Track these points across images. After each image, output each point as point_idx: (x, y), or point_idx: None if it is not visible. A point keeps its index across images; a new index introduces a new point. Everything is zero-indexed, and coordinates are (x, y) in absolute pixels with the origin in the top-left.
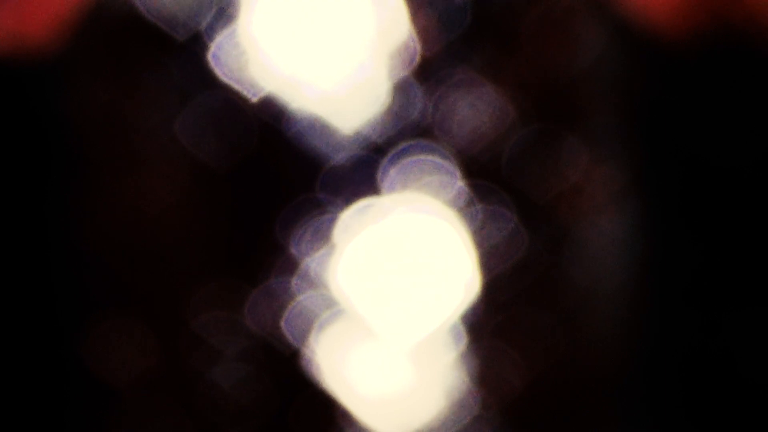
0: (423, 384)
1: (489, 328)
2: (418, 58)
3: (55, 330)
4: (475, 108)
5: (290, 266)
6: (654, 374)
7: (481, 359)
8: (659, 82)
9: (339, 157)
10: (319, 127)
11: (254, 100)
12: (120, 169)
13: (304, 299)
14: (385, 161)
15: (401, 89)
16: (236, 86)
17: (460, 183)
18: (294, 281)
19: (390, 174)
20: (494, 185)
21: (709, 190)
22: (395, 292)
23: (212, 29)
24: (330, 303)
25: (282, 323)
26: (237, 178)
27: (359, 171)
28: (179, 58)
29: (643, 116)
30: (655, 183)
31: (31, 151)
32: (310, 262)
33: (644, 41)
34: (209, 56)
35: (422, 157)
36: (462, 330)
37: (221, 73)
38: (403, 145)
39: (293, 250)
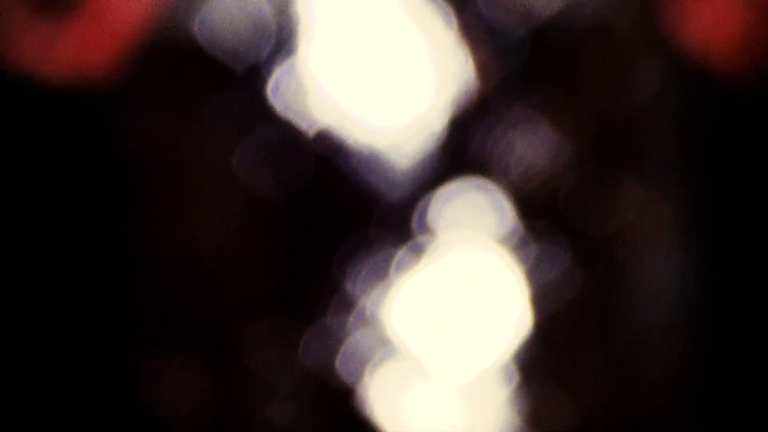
0: (475, 423)
1: (542, 367)
2: (475, 95)
3: (111, 364)
4: (531, 145)
5: (345, 303)
6: (708, 414)
7: (534, 398)
8: (716, 119)
9: (395, 193)
10: (375, 163)
11: (311, 133)
12: (177, 201)
13: (358, 337)
14: (440, 198)
15: (458, 125)
16: (294, 119)
17: (514, 221)
18: (349, 319)
19: (445, 211)
20: (549, 223)
21: (764, 230)
22: (449, 331)
23: (271, 62)
24: (384, 341)
25: (336, 361)
26: (293, 212)
27: (415, 207)
28: (237, 90)
29: (699, 154)
30: (711, 222)
31: (91, 181)
32: (365, 300)
33: (701, 78)
34: (267, 89)
35: (477, 194)
36: (514, 369)
37: (279, 105)
38: (458, 182)
39: (348, 287)
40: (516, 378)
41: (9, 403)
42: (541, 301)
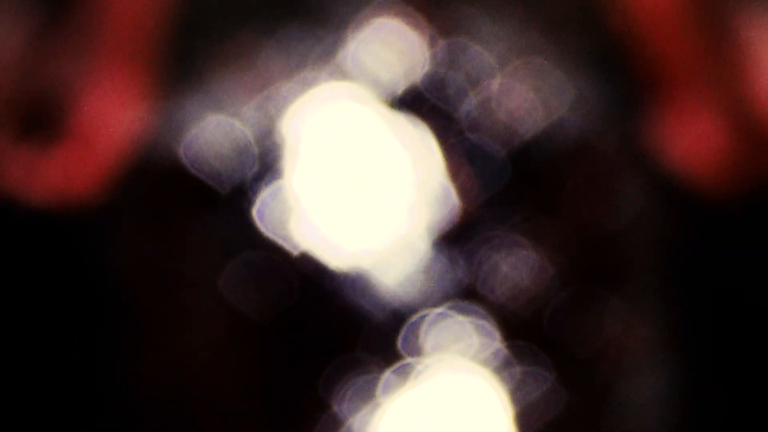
0: None
1: None
2: (458, 216)
3: None
4: (515, 266)
5: (331, 425)
6: None
7: None
8: (699, 239)
9: (380, 315)
10: (360, 284)
11: (296, 254)
12: (163, 322)
13: None
14: (424, 320)
15: (441, 247)
16: (278, 240)
17: (499, 342)
18: None
19: (430, 333)
20: (533, 344)
21: (749, 349)
22: None
23: (255, 184)
24: None
25: None
26: (279, 333)
27: (400, 329)
28: (222, 212)
29: (682, 273)
30: (695, 341)
31: (76, 303)
32: (352, 422)
33: (684, 197)
34: (252, 210)
35: (461, 316)
36: None
37: (264, 227)
38: (442, 304)
39: (334, 409)
40: None
41: None
42: (525, 421)
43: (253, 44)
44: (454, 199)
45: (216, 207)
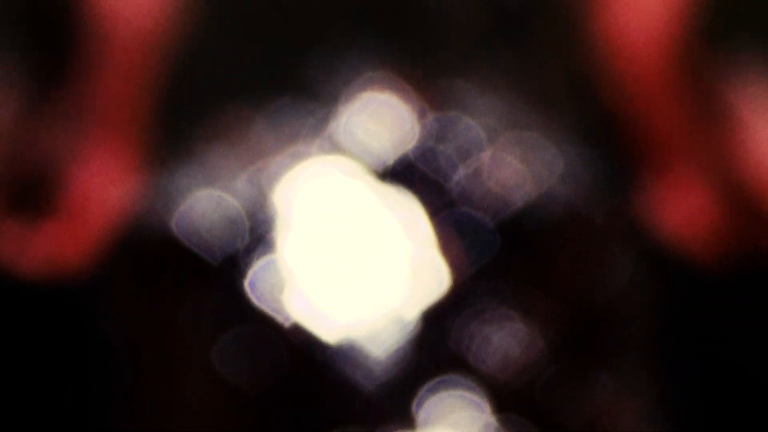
0: None
1: None
2: (448, 287)
3: None
4: (504, 338)
5: None
6: None
7: None
8: (690, 310)
9: (370, 387)
10: (351, 356)
11: (287, 325)
12: (155, 394)
13: None
14: (414, 391)
15: (431, 318)
16: (269, 312)
17: (489, 416)
18: None
19: (421, 405)
20: (523, 417)
21: (740, 420)
22: None
23: (247, 254)
24: None
25: None
26: (270, 404)
27: (391, 401)
28: (213, 284)
29: (672, 345)
30: (686, 412)
31: (66, 374)
32: None
33: (675, 267)
34: (243, 282)
35: (452, 388)
36: None
37: (255, 298)
38: (432, 376)
39: None
40: None
41: None
42: None
43: (244, 118)
44: (444, 271)
45: (207, 279)
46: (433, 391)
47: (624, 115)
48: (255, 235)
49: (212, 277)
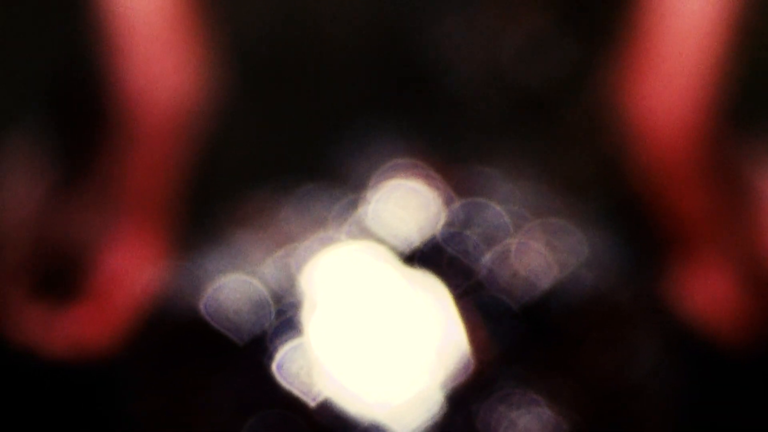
0: None
1: None
2: (472, 370)
3: None
4: (528, 421)
5: None
6: None
7: None
8: (716, 393)
9: None
10: None
11: (313, 408)
12: None
13: None
14: None
15: (455, 401)
16: (296, 393)
17: None
18: None
19: None
20: None
21: None
22: None
23: (273, 339)
24: None
25: None
26: None
27: None
28: (241, 365)
29: (697, 426)
30: None
31: None
32: None
33: (701, 351)
34: (270, 364)
35: None
36: None
37: (282, 379)
38: None
39: None
40: None
41: None
42: None
43: (272, 202)
44: (469, 354)
45: (235, 361)
46: None
47: (650, 200)
48: (282, 317)
49: (240, 360)
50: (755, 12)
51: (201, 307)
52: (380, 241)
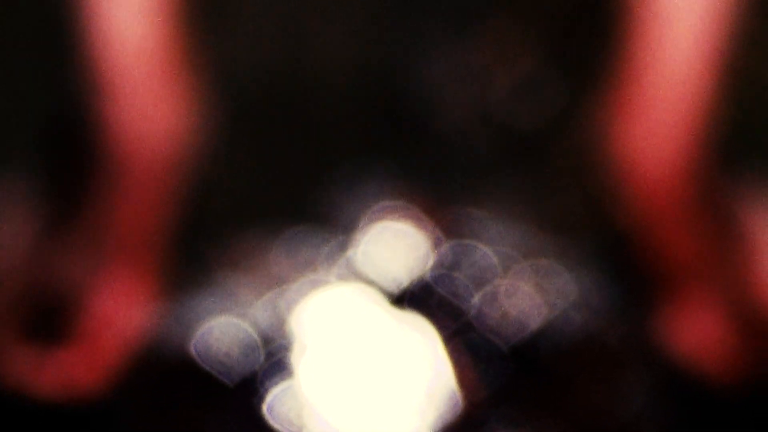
0: None
1: None
2: (461, 412)
3: None
4: None
5: None
6: None
7: None
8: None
9: None
10: None
11: None
12: None
13: None
14: None
15: None
16: None
17: None
18: None
19: None
20: None
21: None
22: None
23: (264, 381)
24: None
25: None
26: None
27: None
28: (229, 404)
29: None
30: None
31: None
32: None
33: (691, 390)
34: (261, 405)
35: None
36: None
37: (271, 419)
38: None
39: None
40: None
41: None
42: None
43: (261, 244)
44: (459, 396)
45: (225, 403)
46: None
47: (639, 240)
48: (272, 359)
49: (230, 402)
50: (745, 51)
51: (191, 348)
52: (369, 282)
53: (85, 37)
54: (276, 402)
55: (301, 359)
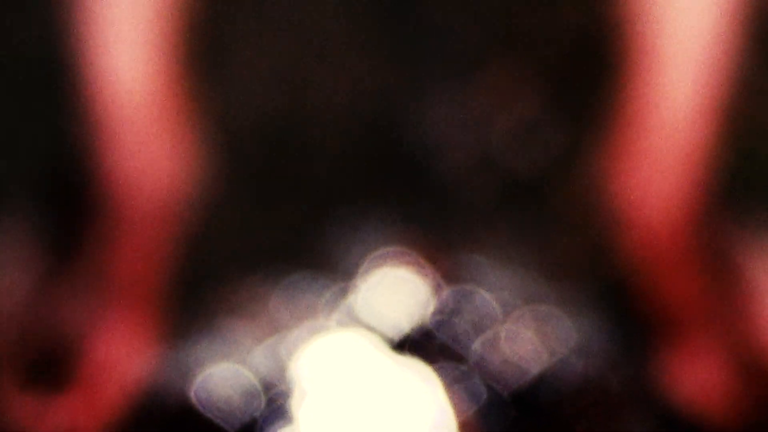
0: None
1: None
2: None
3: None
4: None
5: None
6: None
7: None
8: None
9: None
10: None
11: None
12: None
13: None
14: None
15: None
16: None
17: None
18: None
19: None
20: None
21: None
22: None
23: (264, 426)
24: None
25: None
26: None
27: None
28: None
29: None
30: None
31: None
32: None
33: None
34: None
35: None
36: None
37: None
38: None
39: None
40: None
41: None
42: None
43: (261, 291)
44: None
45: None
46: None
47: (639, 286)
48: (273, 405)
49: None
50: (745, 98)
51: (191, 394)
52: (370, 328)
53: (85, 84)
54: None
55: (301, 405)
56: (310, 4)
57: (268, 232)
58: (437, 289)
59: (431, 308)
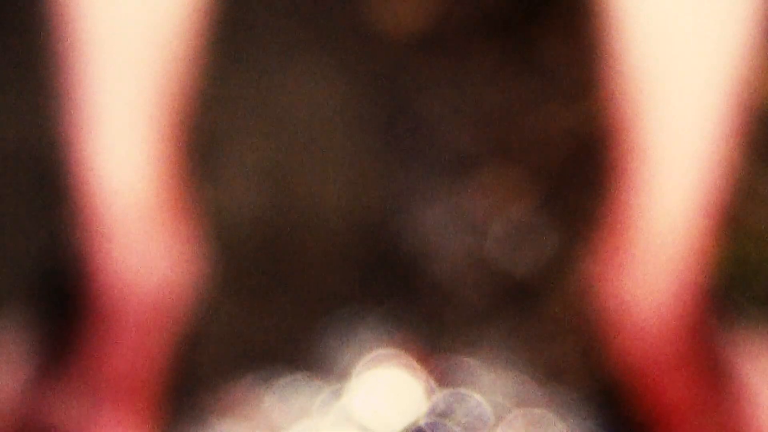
0: None
1: None
2: None
3: None
4: None
5: None
6: None
7: None
8: None
9: None
10: None
11: None
12: None
13: None
14: None
15: None
16: None
17: None
18: None
19: None
20: None
21: None
22: None
23: None
24: None
25: None
26: None
27: None
28: None
29: None
30: None
31: None
32: None
33: None
34: None
35: None
36: None
37: None
38: None
39: None
40: None
41: None
42: None
43: (255, 392)
44: None
45: None
46: None
47: (631, 388)
48: None
49: None
50: (739, 200)
51: None
52: (364, 430)
53: (78, 184)
54: None
55: None
56: (305, 106)
57: (262, 332)
58: (430, 391)
59: (424, 410)
